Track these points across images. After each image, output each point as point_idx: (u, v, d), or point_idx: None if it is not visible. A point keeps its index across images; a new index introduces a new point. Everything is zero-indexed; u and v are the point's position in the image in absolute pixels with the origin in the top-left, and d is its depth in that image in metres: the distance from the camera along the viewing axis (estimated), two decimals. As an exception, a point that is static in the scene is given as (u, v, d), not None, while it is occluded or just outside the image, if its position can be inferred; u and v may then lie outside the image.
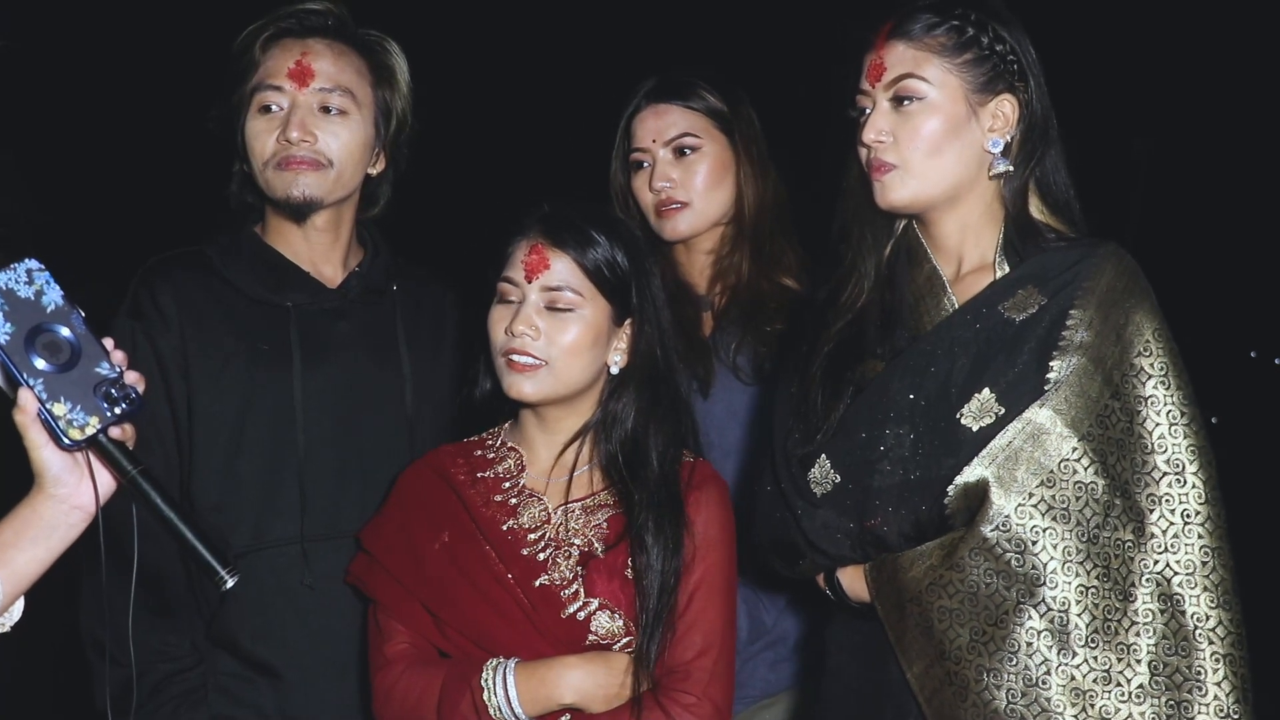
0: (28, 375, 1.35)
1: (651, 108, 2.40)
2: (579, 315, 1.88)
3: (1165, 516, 1.70)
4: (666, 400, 1.95)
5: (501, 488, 1.93)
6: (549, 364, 1.87)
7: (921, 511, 1.77)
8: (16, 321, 1.36)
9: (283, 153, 2.06)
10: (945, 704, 1.73)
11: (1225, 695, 1.66)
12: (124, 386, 1.39)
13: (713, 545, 1.89)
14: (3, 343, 1.35)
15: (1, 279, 1.36)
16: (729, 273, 2.43)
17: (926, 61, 1.81)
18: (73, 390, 1.36)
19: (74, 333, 1.38)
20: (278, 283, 2.12)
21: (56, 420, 1.35)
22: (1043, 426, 1.72)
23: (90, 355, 1.38)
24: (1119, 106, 7.24)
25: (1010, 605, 1.69)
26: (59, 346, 1.37)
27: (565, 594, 1.85)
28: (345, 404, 2.12)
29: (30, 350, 1.35)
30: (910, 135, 1.81)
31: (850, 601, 1.86)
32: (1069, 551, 1.69)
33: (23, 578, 1.40)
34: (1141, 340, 1.75)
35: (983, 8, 1.83)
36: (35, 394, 1.35)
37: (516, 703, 1.79)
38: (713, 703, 1.85)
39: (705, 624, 1.86)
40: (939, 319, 1.85)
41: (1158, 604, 1.68)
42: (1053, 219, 1.86)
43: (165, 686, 2.03)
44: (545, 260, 1.87)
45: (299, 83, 2.07)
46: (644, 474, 1.89)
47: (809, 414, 1.89)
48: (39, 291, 1.38)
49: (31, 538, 1.40)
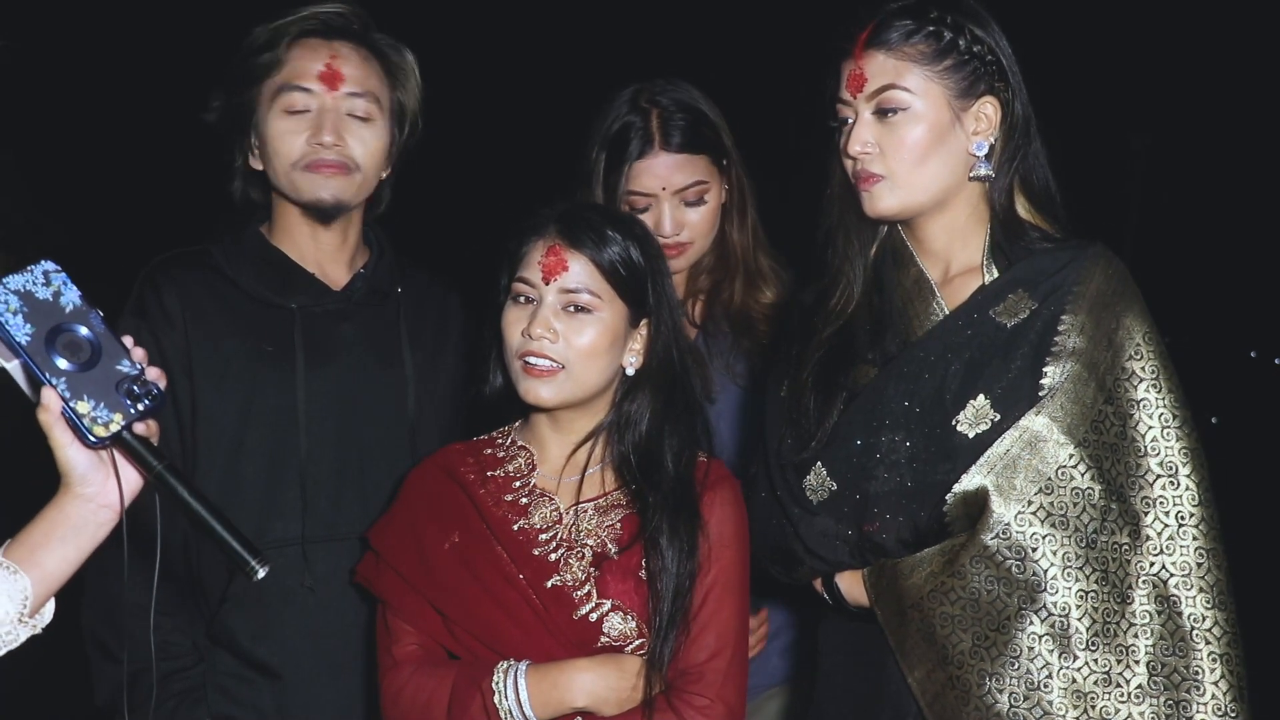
0: (50, 375, 1.36)
1: (663, 155, 2.34)
2: (597, 317, 1.86)
3: (1160, 519, 1.71)
4: (681, 401, 1.93)
5: (512, 487, 1.92)
6: (566, 367, 1.85)
7: (920, 518, 1.78)
8: (36, 322, 1.37)
9: (312, 155, 2.06)
10: (948, 708, 1.73)
11: (1223, 694, 1.68)
12: (146, 383, 1.40)
13: (727, 545, 1.87)
14: (24, 343, 1.36)
15: (19, 281, 1.38)
16: (721, 291, 2.44)
17: (907, 71, 1.80)
18: (95, 388, 1.37)
19: (93, 332, 1.39)
20: (282, 284, 2.13)
21: (81, 418, 1.36)
22: (1039, 434, 1.73)
23: (111, 353, 1.40)
24: (1117, 103, 7.24)
25: (1012, 611, 1.70)
26: (79, 346, 1.38)
27: (577, 595, 1.83)
28: (348, 405, 2.12)
29: (51, 350, 1.37)
30: (896, 146, 1.81)
31: (849, 606, 1.86)
32: (1068, 557, 1.70)
33: (53, 578, 1.41)
34: (1132, 344, 1.76)
35: (957, 8, 1.83)
36: (59, 393, 1.36)
37: (528, 705, 1.78)
38: (726, 704, 1.83)
39: (719, 625, 1.85)
40: (929, 323, 1.86)
41: (1155, 605, 1.69)
42: (1037, 215, 1.87)
43: (165, 685, 2.03)
44: (563, 262, 1.85)
45: (329, 86, 2.07)
46: (658, 476, 1.87)
47: (801, 420, 1.89)
48: (57, 292, 1.39)
49: (60, 538, 1.41)
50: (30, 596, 1.40)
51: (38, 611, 1.43)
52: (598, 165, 2.38)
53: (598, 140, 2.38)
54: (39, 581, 1.40)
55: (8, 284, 1.37)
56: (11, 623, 1.40)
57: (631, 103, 2.37)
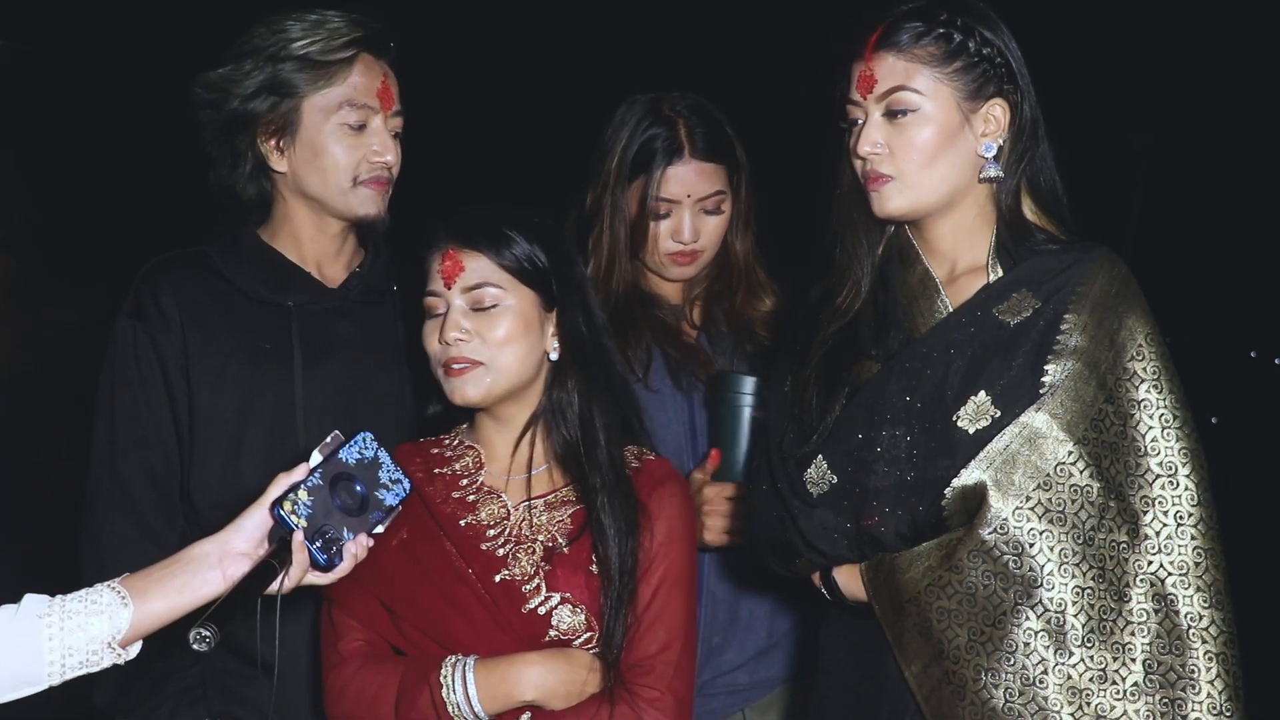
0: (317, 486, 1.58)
1: (693, 163, 2.37)
2: (504, 308, 1.89)
3: (1159, 518, 1.71)
4: (602, 379, 1.97)
5: (459, 485, 1.94)
6: (486, 363, 1.88)
7: (919, 512, 1.79)
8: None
9: (373, 172, 2.10)
10: (943, 703, 1.74)
11: (1218, 693, 1.68)
12: (340, 545, 1.57)
13: (675, 540, 1.92)
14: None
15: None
16: (721, 300, 2.46)
17: (917, 72, 1.81)
18: (328, 510, 1.57)
19: (367, 491, 1.63)
20: (279, 283, 2.13)
21: (294, 491, 1.54)
22: (1039, 430, 1.73)
23: (366, 512, 1.62)
24: (1118, 103, 7.24)
25: (1008, 606, 1.71)
26: (353, 494, 1.61)
27: (526, 589, 1.85)
28: (346, 403, 2.13)
29: (334, 488, 1.59)
30: (905, 147, 1.82)
31: (846, 600, 1.87)
32: (1065, 554, 1.71)
33: (154, 619, 1.46)
34: (1134, 345, 1.77)
35: (967, 11, 1.84)
36: (306, 483, 1.55)
37: (476, 701, 1.79)
38: (675, 696, 1.87)
39: (669, 618, 1.88)
40: (933, 321, 1.87)
41: (1152, 604, 1.70)
42: (1044, 218, 1.88)
43: (164, 684, 2.04)
44: (460, 264, 1.89)
45: (386, 105, 2.11)
46: (596, 455, 1.91)
47: (804, 415, 1.90)
48: (376, 461, 1.67)
49: (177, 586, 1.47)
50: (127, 629, 1.43)
51: (129, 645, 1.45)
52: (619, 172, 2.39)
53: (618, 147, 2.40)
54: (142, 618, 1.44)
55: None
56: (100, 644, 1.43)
57: (654, 112, 2.40)
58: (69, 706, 2.19)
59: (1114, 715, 1.68)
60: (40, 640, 1.40)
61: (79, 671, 1.43)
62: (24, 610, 1.43)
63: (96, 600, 1.43)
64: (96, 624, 1.42)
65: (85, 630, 1.41)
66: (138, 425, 2.07)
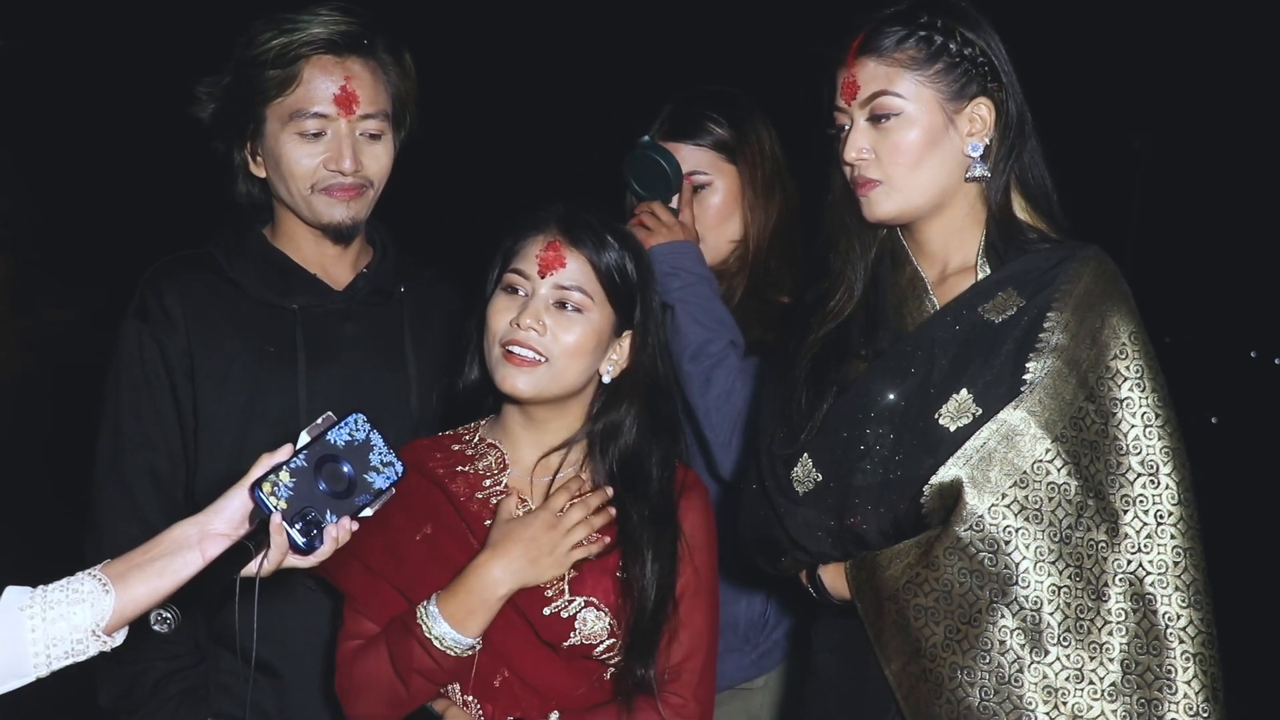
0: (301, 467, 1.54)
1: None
2: (586, 317, 1.87)
3: (1139, 517, 1.71)
4: (665, 415, 1.94)
5: (482, 485, 1.93)
6: (549, 361, 1.85)
7: (900, 510, 1.79)
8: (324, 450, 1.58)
9: (329, 180, 2.05)
10: (921, 701, 1.74)
11: (1195, 694, 1.68)
12: (321, 527, 1.53)
13: (699, 549, 1.90)
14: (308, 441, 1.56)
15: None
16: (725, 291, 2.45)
17: (899, 76, 1.81)
18: (311, 490, 1.54)
19: (354, 472, 1.58)
20: (284, 286, 2.13)
21: (276, 473, 1.51)
22: (1016, 428, 1.74)
23: (353, 495, 1.57)
24: (1118, 104, 7.25)
25: (984, 604, 1.71)
26: (340, 477, 1.57)
27: (549, 592, 1.84)
28: (350, 406, 2.12)
29: (319, 470, 1.55)
30: (891, 151, 1.82)
31: (831, 599, 1.88)
32: (1041, 551, 1.71)
33: (138, 604, 1.44)
34: (1118, 343, 1.76)
35: (948, 12, 1.84)
36: (289, 464, 1.52)
37: (457, 624, 1.78)
38: (699, 703, 1.87)
39: (693, 626, 1.87)
40: (921, 320, 1.87)
41: (1130, 603, 1.70)
42: (1034, 215, 1.88)
43: (166, 684, 2.04)
44: (561, 258, 1.86)
45: (345, 110, 2.04)
46: (643, 488, 1.88)
47: (793, 414, 1.91)
48: (368, 443, 1.61)
49: (157, 570, 1.46)
50: (110, 615, 1.42)
51: (114, 631, 1.44)
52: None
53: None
54: (125, 604, 1.43)
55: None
56: (85, 633, 1.42)
57: None
58: (72, 707, 2.18)
59: (1090, 715, 1.68)
60: (23, 632, 1.39)
61: (65, 661, 1.42)
62: (5, 603, 1.41)
63: (78, 589, 1.42)
64: (79, 612, 1.41)
65: (68, 619, 1.40)
66: (142, 427, 2.06)
